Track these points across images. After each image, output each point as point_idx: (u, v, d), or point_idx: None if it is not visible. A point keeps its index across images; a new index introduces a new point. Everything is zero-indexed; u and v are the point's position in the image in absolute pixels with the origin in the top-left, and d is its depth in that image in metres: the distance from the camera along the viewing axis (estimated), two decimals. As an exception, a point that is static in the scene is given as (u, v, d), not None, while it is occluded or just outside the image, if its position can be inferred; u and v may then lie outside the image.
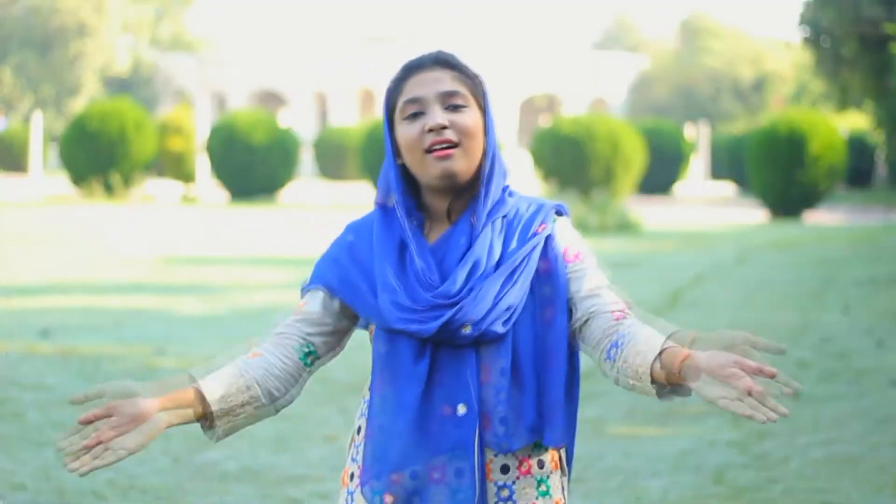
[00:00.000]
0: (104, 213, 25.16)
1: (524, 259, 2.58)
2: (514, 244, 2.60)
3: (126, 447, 2.47)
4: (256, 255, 17.41)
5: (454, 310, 2.54)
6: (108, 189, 29.41)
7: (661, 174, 35.72)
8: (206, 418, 2.58)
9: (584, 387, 8.25)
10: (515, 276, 2.57)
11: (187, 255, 17.27)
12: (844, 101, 28.14)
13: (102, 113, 29.97)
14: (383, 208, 2.66)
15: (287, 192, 32.58)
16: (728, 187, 40.66)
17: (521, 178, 34.45)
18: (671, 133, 36.90)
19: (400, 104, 2.64)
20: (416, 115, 2.61)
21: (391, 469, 2.57)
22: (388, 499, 2.57)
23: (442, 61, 2.65)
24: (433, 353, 2.58)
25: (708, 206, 32.13)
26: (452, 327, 2.54)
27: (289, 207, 28.59)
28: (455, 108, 2.61)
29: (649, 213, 26.34)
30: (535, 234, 2.61)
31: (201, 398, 2.56)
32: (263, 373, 2.62)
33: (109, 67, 56.91)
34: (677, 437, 6.86)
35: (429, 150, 2.59)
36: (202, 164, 30.93)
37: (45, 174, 35.94)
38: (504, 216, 2.63)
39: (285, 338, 2.66)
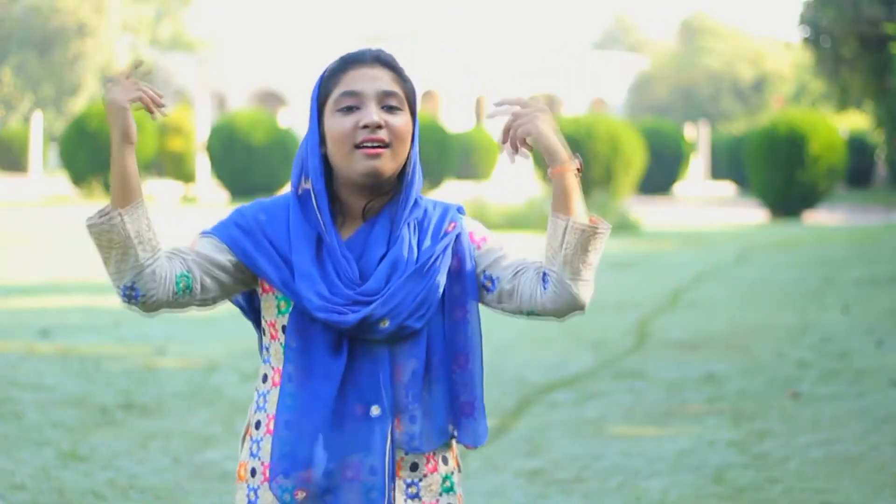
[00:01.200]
0: (104, 213, 25.07)
1: (438, 256, 2.64)
2: (427, 242, 2.66)
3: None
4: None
5: (374, 305, 2.57)
6: (108, 189, 29.31)
7: (661, 174, 35.69)
8: (116, 207, 2.50)
9: (584, 387, 8.25)
10: (431, 273, 2.62)
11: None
12: (844, 101, 28.10)
13: (102, 113, 29.92)
14: (298, 196, 2.65)
15: (287, 192, 32.59)
16: (728, 187, 40.64)
17: (522, 179, 34.43)
18: (671, 133, 36.88)
19: (335, 95, 2.64)
20: (350, 109, 2.62)
21: (301, 466, 2.57)
22: (300, 495, 2.58)
23: (382, 61, 2.67)
24: (349, 350, 2.60)
25: (708, 206, 32.10)
26: (371, 321, 2.57)
27: (289, 207, 28.53)
28: (390, 109, 2.64)
29: (649, 213, 26.32)
30: (446, 234, 2.67)
31: (138, 196, 2.50)
32: (160, 254, 2.54)
33: (109, 67, 56.89)
34: (677, 437, 6.86)
35: (358, 146, 2.60)
36: (202, 164, 30.91)
37: (45, 174, 35.93)
38: (416, 218, 2.68)
39: (173, 257, 2.58)
